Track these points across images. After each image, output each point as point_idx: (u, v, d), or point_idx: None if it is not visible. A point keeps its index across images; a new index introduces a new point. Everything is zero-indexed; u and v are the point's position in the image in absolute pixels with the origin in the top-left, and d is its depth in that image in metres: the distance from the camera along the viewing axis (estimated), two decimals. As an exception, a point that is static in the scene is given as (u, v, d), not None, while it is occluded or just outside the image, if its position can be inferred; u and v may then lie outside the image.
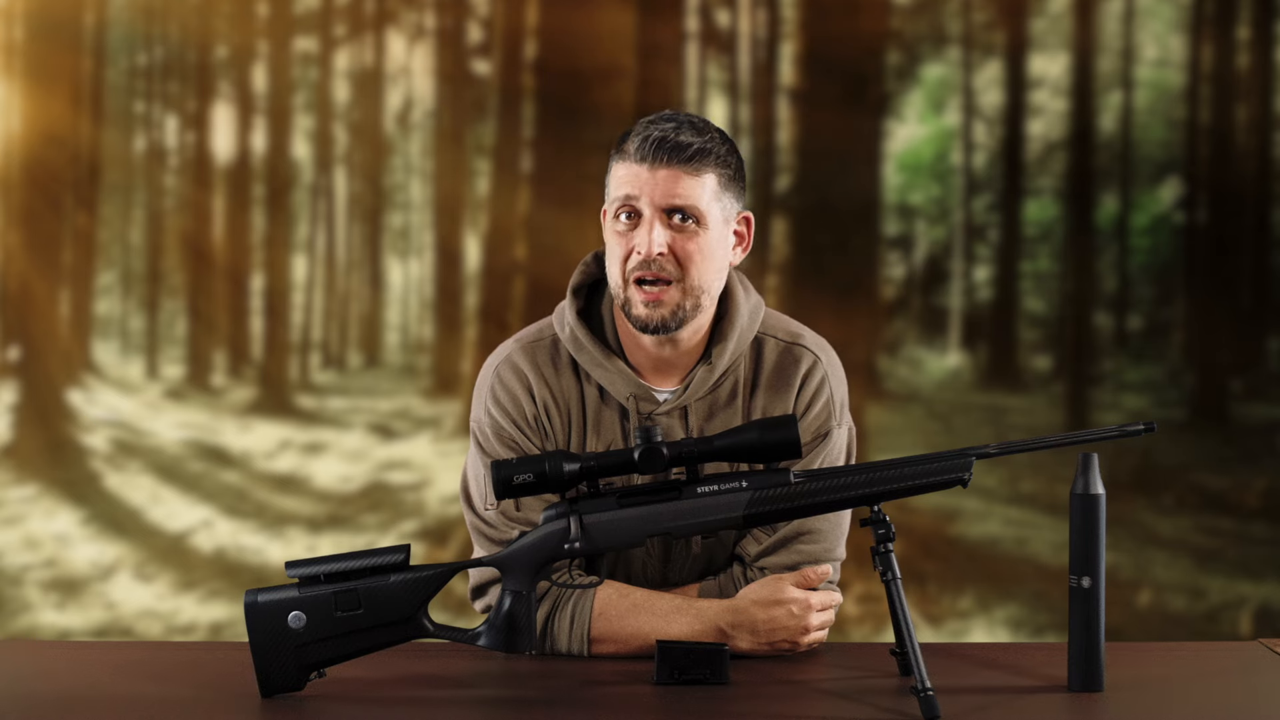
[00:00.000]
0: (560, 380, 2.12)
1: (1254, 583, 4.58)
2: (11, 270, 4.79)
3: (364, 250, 4.93)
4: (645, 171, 2.00)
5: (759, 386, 2.12)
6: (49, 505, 4.78)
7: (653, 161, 2.00)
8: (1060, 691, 1.88)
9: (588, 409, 2.12)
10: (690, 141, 2.00)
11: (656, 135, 2.00)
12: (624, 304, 2.04)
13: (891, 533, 1.82)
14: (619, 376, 2.09)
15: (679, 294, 2.02)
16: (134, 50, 4.87)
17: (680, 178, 2.00)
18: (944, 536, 4.68)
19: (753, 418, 2.12)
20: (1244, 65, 4.71)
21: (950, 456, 1.86)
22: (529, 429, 2.11)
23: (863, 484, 1.85)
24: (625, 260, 2.03)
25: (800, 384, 2.12)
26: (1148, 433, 1.85)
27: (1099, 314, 4.75)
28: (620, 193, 2.02)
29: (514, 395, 2.11)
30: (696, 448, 1.86)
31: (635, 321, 2.04)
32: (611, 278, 2.06)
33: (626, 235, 2.02)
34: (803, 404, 2.12)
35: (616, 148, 2.05)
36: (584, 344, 2.10)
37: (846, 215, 4.75)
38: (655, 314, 2.02)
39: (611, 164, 2.05)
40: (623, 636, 2.03)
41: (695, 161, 2.00)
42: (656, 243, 2.00)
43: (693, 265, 2.02)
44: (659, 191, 2.00)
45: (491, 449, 2.11)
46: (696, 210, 2.01)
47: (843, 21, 4.79)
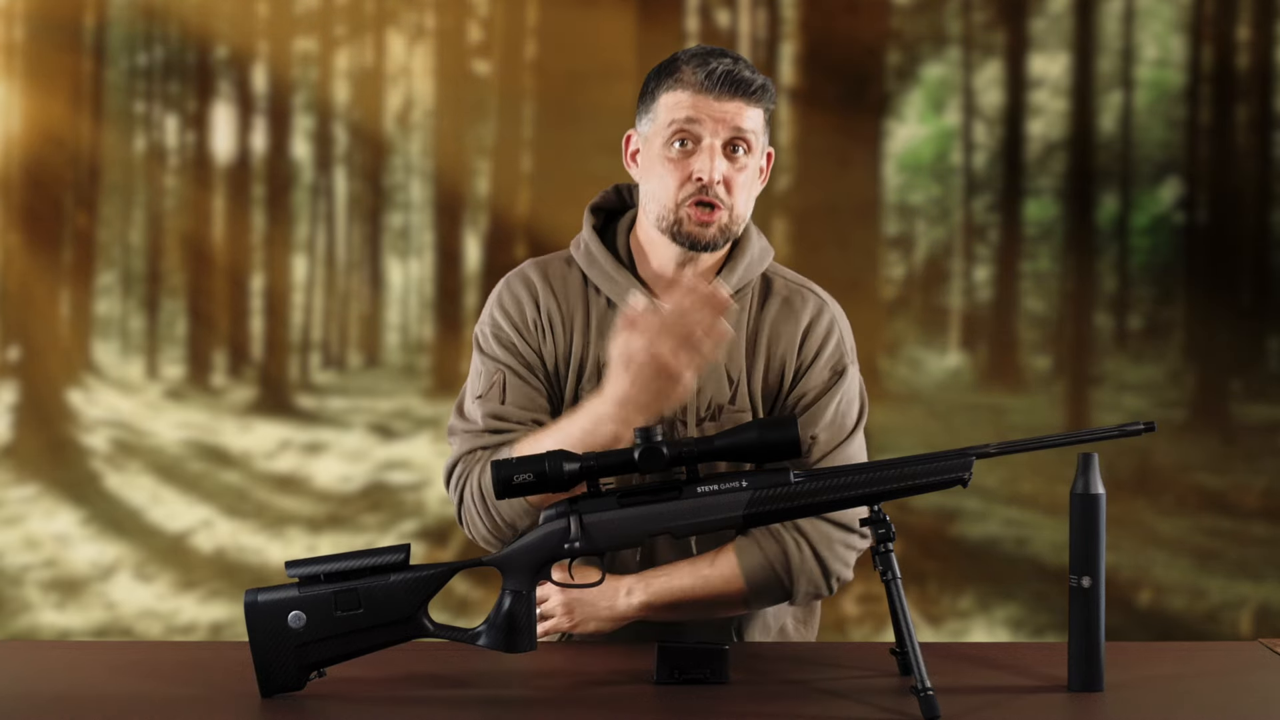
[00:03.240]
0: (568, 290, 2.18)
1: (1254, 583, 4.58)
2: (11, 270, 4.79)
3: (364, 250, 4.93)
4: (710, 101, 2.07)
5: (765, 315, 2.18)
6: (49, 505, 4.78)
7: (719, 92, 2.07)
8: (1060, 691, 1.88)
9: (593, 317, 2.17)
10: (753, 79, 2.09)
11: (723, 69, 2.07)
12: (673, 223, 2.10)
13: (891, 533, 1.82)
14: (628, 286, 2.15)
15: (726, 218, 2.11)
16: (134, 50, 4.87)
17: (744, 111, 2.09)
18: (944, 536, 4.68)
19: (757, 343, 2.17)
20: (1244, 65, 4.70)
21: (950, 456, 1.86)
22: (527, 333, 2.16)
23: (863, 484, 1.85)
24: (680, 185, 2.09)
25: (809, 323, 2.18)
26: (1148, 432, 1.85)
27: (1099, 314, 4.75)
28: (680, 115, 2.08)
29: (518, 300, 2.18)
30: (696, 447, 1.87)
31: (686, 239, 2.11)
32: (659, 200, 2.11)
33: (682, 161, 2.09)
34: (815, 341, 2.18)
35: (667, 75, 2.10)
36: (596, 257, 2.17)
37: (846, 215, 4.75)
38: (706, 233, 2.10)
39: (661, 90, 2.11)
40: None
41: (756, 96, 2.09)
42: (719, 170, 2.08)
43: (740, 193, 2.11)
44: (725, 122, 2.08)
45: (490, 349, 2.17)
46: (751, 143, 2.10)
47: (843, 21, 4.78)
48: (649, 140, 2.13)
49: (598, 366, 2.14)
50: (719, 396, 2.15)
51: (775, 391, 2.18)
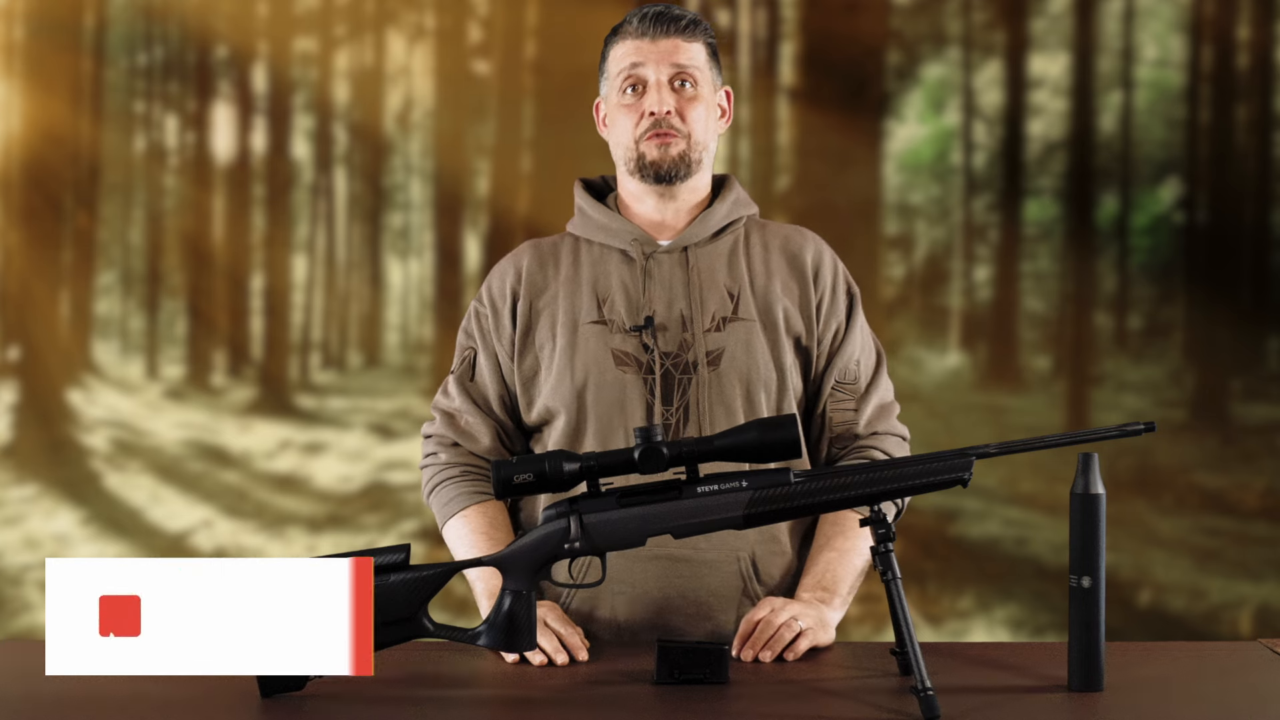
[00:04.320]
0: (559, 258, 2.27)
1: (1254, 583, 4.58)
2: (11, 270, 4.79)
3: (364, 250, 4.93)
4: (648, 44, 2.21)
5: (767, 243, 2.27)
6: (49, 505, 4.78)
7: (654, 34, 2.21)
8: (1060, 691, 1.88)
9: (583, 266, 2.25)
10: (683, 15, 2.24)
11: (654, 11, 2.22)
12: (636, 159, 2.22)
13: (892, 533, 1.82)
14: (621, 228, 2.25)
15: (685, 144, 2.21)
16: (134, 50, 4.87)
17: (680, 45, 2.22)
18: (944, 536, 4.68)
19: (753, 264, 2.25)
20: (1244, 65, 4.71)
21: (950, 456, 1.86)
22: (497, 310, 2.26)
23: (863, 484, 1.85)
24: (636, 125, 2.21)
25: (815, 256, 2.27)
26: (1148, 432, 1.85)
27: (1099, 314, 4.75)
28: (625, 63, 2.22)
29: (504, 273, 2.29)
30: (696, 447, 1.87)
31: (650, 169, 2.21)
32: (621, 144, 2.24)
33: (635, 105, 2.22)
34: (826, 274, 2.26)
35: (612, 35, 2.27)
36: (588, 212, 2.28)
37: (846, 215, 4.76)
38: (666, 156, 2.21)
39: (609, 49, 2.26)
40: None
41: (690, 30, 2.22)
42: (666, 102, 2.20)
43: (696, 123, 2.21)
44: (664, 59, 2.21)
45: (469, 326, 2.30)
46: (695, 74, 2.22)
47: (843, 21, 4.79)
48: (608, 98, 2.26)
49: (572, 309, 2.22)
50: (721, 310, 2.21)
51: (795, 309, 2.24)
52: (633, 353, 2.18)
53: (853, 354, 2.25)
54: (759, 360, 2.19)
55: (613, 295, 2.21)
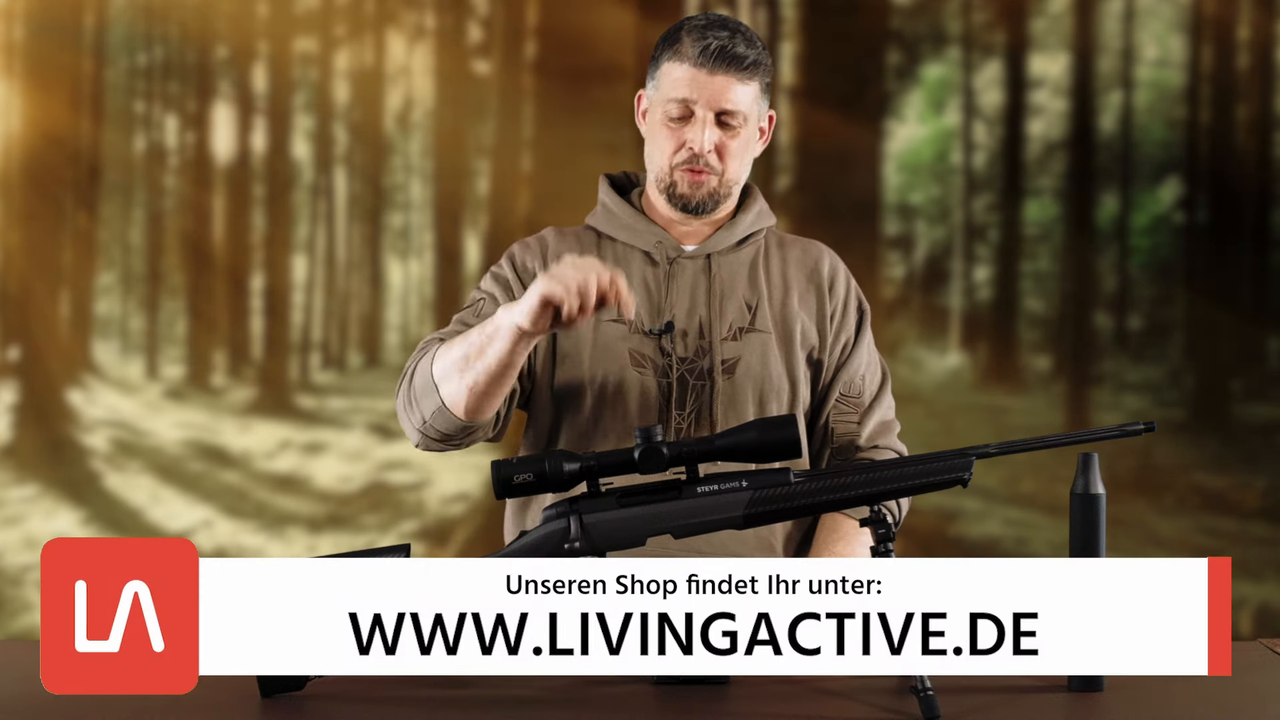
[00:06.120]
0: (583, 249, 2.26)
1: (1254, 583, 4.58)
2: (11, 270, 4.79)
3: (364, 250, 4.93)
4: (704, 76, 2.18)
5: (785, 256, 2.29)
6: (49, 505, 4.78)
7: (711, 68, 2.18)
8: (1060, 691, 1.88)
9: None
10: (746, 54, 2.19)
11: (716, 45, 2.18)
12: (668, 185, 2.23)
13: (892, 533, 1.82)
14: (646, 229, 2.26)
15: (716, 182, 2.22)
16: (134, 50, 4.87)
17: (734, 85, 2.19)
18: (944, 536, 4.68)
19: (771, 276, 2.26)
20: (1244, 65, 4.70)
21: (950, 456, 1.86)
22: (521, 279, 2.23)
23: (863, 484, 1.85)
24: (675, 152, 2.21)
25: (830, 268, 2.30)
26: (1148, 432, 1.85)
27: (1099, 314, 4.75)
28: (678, 94, 2.19)
29: (529, 247, 2.27)
30: (696, 447, 1.86)
31: (678, 200, 2.23)
32: (656, 163, 2.24)
33: (677, 130, 2.21)
34: (840, 287, 2.29)
35: (669, 45, 2.22)
36: (613, 209, 2.28)
37: (846, 215, 4.75)
38: (697, 194, 2.22)
39: (663, 60, 2.22)
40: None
41: (749, 71, 2.20)
42: (708, 141, 2.19)
43: (732, 160, 2.22)
44: (715, 97, 2.18)
45: (486, 283, 2.26)
46: (743, 116, 2.21)
47: (843, 21, 4.79)
48: (653, 105, 2.25)
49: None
50: (739, 320, 2.22)
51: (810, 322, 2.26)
52: (650, 355, 2.19)
53: (858, 369, 2.28)
54: (773, 371, 2.21)
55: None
